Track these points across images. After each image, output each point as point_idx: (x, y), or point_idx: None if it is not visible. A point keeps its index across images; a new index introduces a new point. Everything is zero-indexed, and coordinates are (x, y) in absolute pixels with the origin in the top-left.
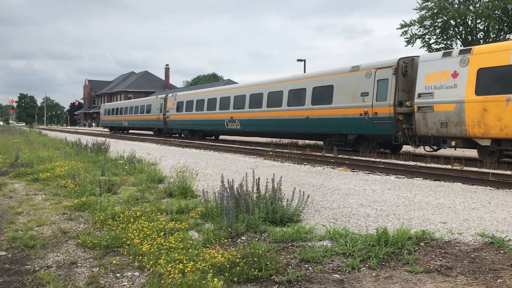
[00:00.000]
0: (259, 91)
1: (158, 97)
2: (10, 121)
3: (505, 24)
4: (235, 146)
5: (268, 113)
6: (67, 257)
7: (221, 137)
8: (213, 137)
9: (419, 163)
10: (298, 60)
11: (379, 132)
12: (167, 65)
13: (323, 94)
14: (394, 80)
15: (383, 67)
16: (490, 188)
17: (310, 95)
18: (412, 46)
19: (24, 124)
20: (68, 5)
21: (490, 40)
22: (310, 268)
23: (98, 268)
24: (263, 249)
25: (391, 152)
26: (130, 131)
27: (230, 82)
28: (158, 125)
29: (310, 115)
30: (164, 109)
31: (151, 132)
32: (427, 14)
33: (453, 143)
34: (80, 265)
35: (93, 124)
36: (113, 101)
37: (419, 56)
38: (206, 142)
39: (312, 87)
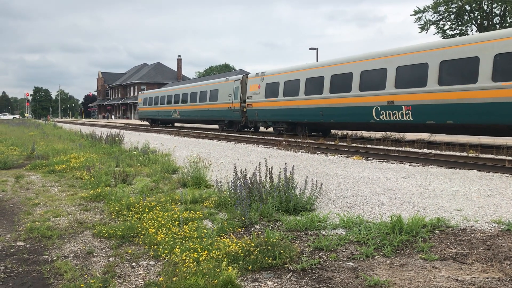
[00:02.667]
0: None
1: (229, 79)
2: (26, 114)
3: None
4: (248, 136)
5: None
6: (84, 247)
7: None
8: (327, 132)
9: (433, 151)
10: (311, 48)
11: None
12: (179, 56)
13: None
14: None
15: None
16: (507, 175)
17: None
18: (426, 32)
19: (30, 116)
20: None
21: (507, 25)
22: (324, 256)
23: (114, 258)
24: (277, 237)
25: None
26: (180, 125)
27: (242, 72)
28: (230, 116)
29: None
30: (241, 94)
31: (215, 126)
32: (441, 0)
33: None
34: (96, 254)
35: (113, 116)
36: (126, 94)
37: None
38: (219, 133)
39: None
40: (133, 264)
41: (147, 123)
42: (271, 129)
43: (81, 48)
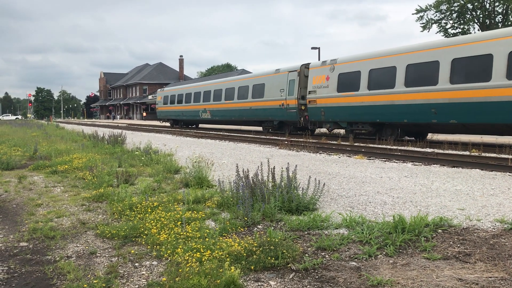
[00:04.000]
0: None
1: (281, 71)
2: (28, 115)
3: None
4: (250, 136)
5: None
6: (87, 247)
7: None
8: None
9: (436, 150)
10: (312, 48)
11: None
12: (181, 56)
13: None
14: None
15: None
16: (510, 174)
17: None
18: (428, 31)
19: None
20: None
21: (509, 23)
22: (326, 256)
23: (117, 258)
24: (279, 237)
25: None
26: (211, 126)
27: (244, 72)
28: (282, 115)
29: None
30: (298, 88)
31: (257, 128)
32: None
33: None
34: (99, 255)
35: (118, 116)
36: (128, 94)
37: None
38: (221, 132)
39: None
40: (136, 264)
41: (167, 124)
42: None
43: (83, 48)
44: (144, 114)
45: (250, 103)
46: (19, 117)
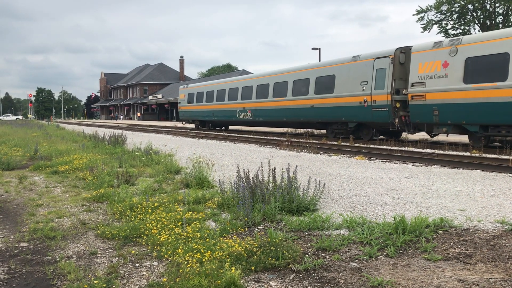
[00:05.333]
0: None
1: (362, 57)
2: (29, 115)
3: None
4: (251, 136)
5: None
6: (87, 247)
7: None
8: None
9: (436, 151)
10: (313, 48)
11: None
12: (181, 56)
13: None
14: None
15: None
16: (510, 175)
17: None
18: (428, 32)
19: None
20: None
21: (510, 24)
22: (327, 256)
23: (117, 258)
24: (279, 238)
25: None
26: (247, 128)
27: (244, 72)
28: (364, 116)
29: None
30: (392, 80)
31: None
32: None
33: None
34: (99, 255)
35: (121, 116)
36: (129, 95)
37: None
38: (222, 133)
39: None
40: (137, 264)
41: (191, 125)
42: (272, 129)
43: (84, 48)
44: (138, 114)
45: (311, 100)
46: (20, 117)
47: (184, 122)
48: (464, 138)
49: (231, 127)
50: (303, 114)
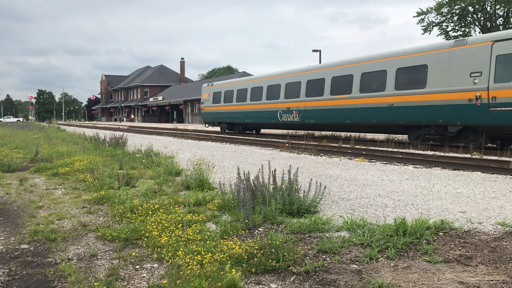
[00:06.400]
0: None
1: (472, 42)
2: (30, 117)
3: None
4: (251, 138)
5: None
6: (87, 249)
7: None
8: None
9: (437, 153)
10: (314, 50)
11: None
12: (182, 58)
13: None
14: None
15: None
16: (511, 176)
17: None
18: (429, 34)
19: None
20: (84, 0)
21: (511, 26)
22: (327, 258)
23: (117, 260)
24: (280, 240)
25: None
26: (281, 132)
27: (245, 74)
28: (476, 118)
29: None
30: None
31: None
32: (444, 1)
33: None
34: (100, 257)
35: (124, 118)
36: (130, 97)
37: None
38: (222, 135)
39: None
40: (137, 266)
41: (216, 129)
42: (272, 131)
43: (85, 50)
44: (132, 116)
45: (390, 97)
46: (21, 119)
47: (207, 125)
48: None
49: (263, 131)
50: (377, 115)
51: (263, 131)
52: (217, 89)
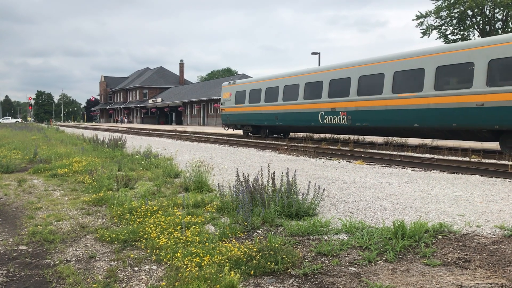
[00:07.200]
0: None
1: None
2: (28, 118)
3: None
4: (250, 140)
5: None
6: (86, 251)
7: None
8: None
9: (436, 156)
10: (313, 53)
11: None
12: (181, 60)
13: None
14: None
15: None
16: (510, 180)
17: None
18: (428, 37)
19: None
20: (84, 1)
21: (509, 30)
22: (326, 261)
23: (116, 262)
24: (279, 242)
25: None
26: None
27: (244, 76)
28: None
29: None
30: None
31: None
32: (443, 5)
33: None
34: (98, 259)
35: (125, 120)
36: (129, 98)
37: None
38: (221, 137)
39: None
40: (135, 268)
41: (237, 131)
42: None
43: (84, 52)
44: (117, 118)
45: (480, 96)
46: (19, 120)
47: (227, 128)
48: (464, 143)
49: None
50: (460, 117)
51: (291, 134)
52: (240, 88)
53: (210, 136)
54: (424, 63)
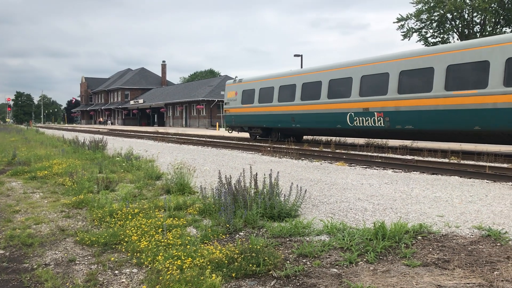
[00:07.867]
0: None
1: None
2: (7, 120)
3: (502, 17)
4: (233, 142)
5: None
6: (65, 254)
7: None
8: None
9: (416, 157)
10: (295, 55)
11: None
12: (163, 61)
13: None
14: None
15: None
16: (487, 181)
17: None
18: (408, 40)
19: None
20: (64, 2)
21: (487, 33)
22: (308, 262)
23: (96, 265)
24: (261, 244)
25: None
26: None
27: (227, 78)
28: None
29: None
30: None
31: (239, 135)
32: (424, 8)
33: None
34: (78, 262)
35: (109, 122)
36: (110, 99)
37: None
38: (204, 138)
39: None
40: (116, 272)
41: (242, 134)
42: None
43: (65, 53)
44: (101, 119)
45: None
46: None
47: (231, 131)
48: (443, 145)
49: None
50: None
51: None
52: (248, 86)
53: (193, 138)
54: (489, 54)
